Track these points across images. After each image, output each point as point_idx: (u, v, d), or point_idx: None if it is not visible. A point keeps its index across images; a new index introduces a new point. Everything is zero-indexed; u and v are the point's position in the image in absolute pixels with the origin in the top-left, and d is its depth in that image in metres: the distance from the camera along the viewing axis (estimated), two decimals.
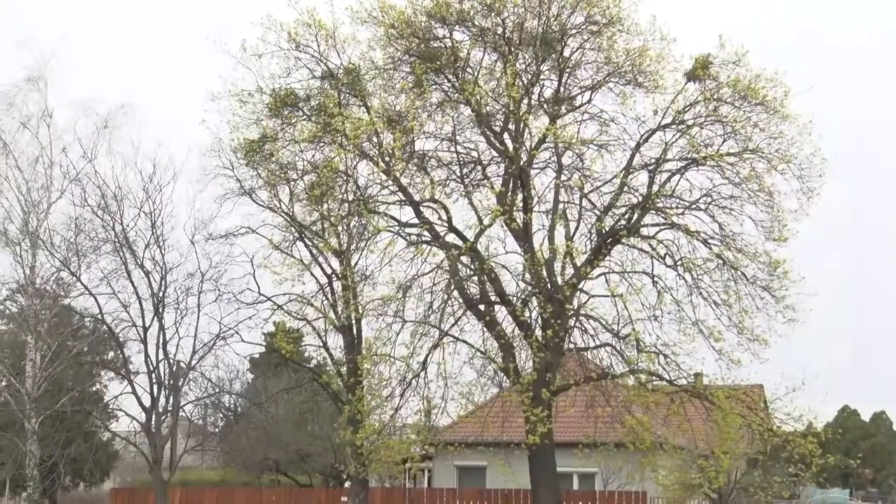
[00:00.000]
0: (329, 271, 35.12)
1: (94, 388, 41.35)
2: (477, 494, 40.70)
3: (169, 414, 38.11)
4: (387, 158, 32.88)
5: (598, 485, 40.32)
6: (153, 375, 37.00)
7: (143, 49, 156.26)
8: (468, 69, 33.88)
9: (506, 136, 34.14)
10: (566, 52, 33.75)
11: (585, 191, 33.87)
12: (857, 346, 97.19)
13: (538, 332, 32.80)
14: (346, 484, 39.29)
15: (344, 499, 38.52)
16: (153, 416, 37.23)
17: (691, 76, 32.83)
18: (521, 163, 33.62)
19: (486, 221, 33.41)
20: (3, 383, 39.28)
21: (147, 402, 37.06)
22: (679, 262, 33.12)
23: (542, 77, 34.24)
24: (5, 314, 39.46)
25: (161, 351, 37.10)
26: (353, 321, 34.83)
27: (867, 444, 61.81)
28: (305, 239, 34.77)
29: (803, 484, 38.76)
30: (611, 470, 38.15)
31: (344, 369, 35.45)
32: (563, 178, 33.97)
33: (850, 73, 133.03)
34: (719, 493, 37.37)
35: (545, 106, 34.16)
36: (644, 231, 33.82)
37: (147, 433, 37.66)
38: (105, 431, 44.03)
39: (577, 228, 34.10)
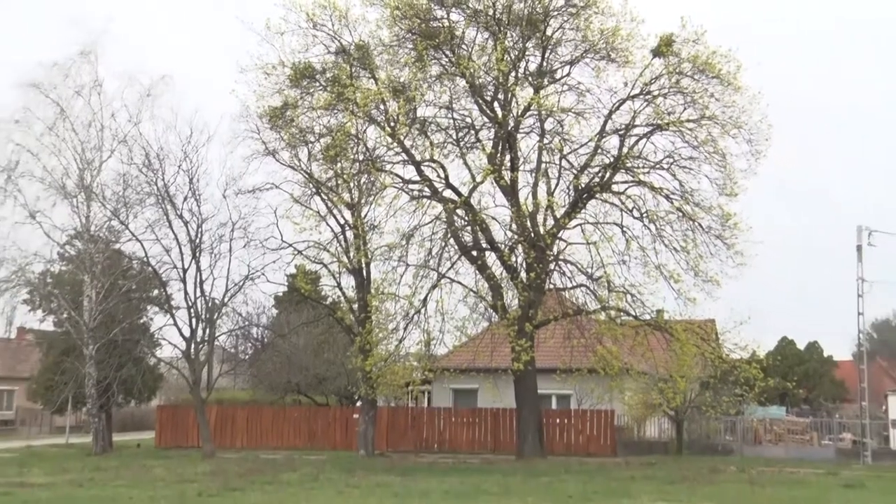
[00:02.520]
0: (342, 222, 35.14)
1: (141, 321, 41.44)
2: (470, 413, 40.99)
3: (205, 343, 38.31)
4: (392, 124, 32.95)
5: (573, 404, 40.55)
6: (192, 310, 37.25)
7: (182, 26, 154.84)
8: (463, 46, 33.88)
9: (496, 104, 34.21)
10: (548, 32, 33.77)
11: (565, 152, 34.02)
12: (796, 287, 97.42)
13: (523, 275, 33.14)
14: (358, 403, 39.52)
15: (355, 416, 38.78)
16: (192, 345, 37.59)
17: (657, 53, 32.90)
18: (509, 128, 33.82)
19: (478, 179, 33.66)
20: (65, 316, 39.40)
21: (187, 332, 37.40)
22: (645, 215, 33.39)
23: (527, 53, 34.26)
24: (65, 257, 39.39)
25: (198, 289, 37.38)
26: (363, 265, 34.92)
27: (801, 369, 61.92)
28: (321, 193, 34.75)
29: (747, 403, 39.02)
30: (584, 392, 38.37)
31: (355, 306, 35.59)
32: (546, 141, 34.08)
33: (808, 46, 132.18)
34: (676, 411, 37.72)
35: (530, 78, 34.17)
36: (615, 187, 34.07)
37: (187, 359, 38.07)
38: (151, 357, 44.20)
39: (557, 185, 34.40)
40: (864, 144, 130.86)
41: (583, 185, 33.77)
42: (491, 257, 34.31)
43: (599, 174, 33.94)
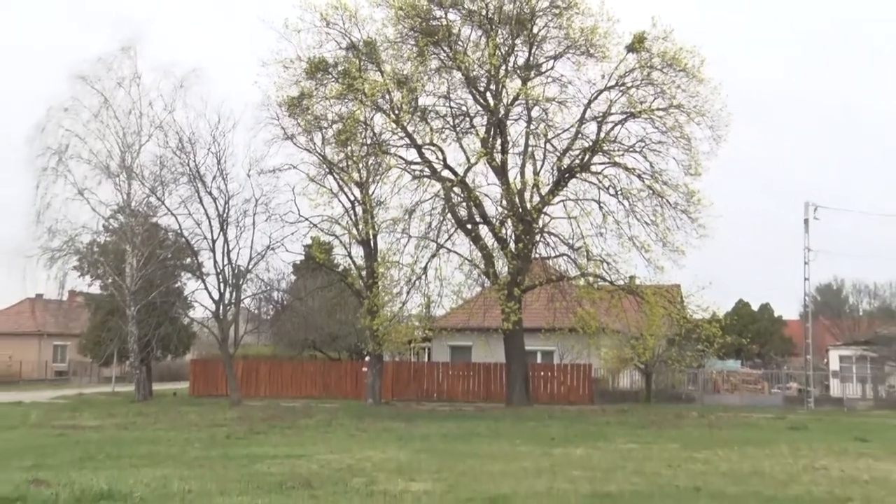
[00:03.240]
0: (352, 198, 35.03)
1: (176, 285, 41.51)
2: (465, 367, 41.10)
3: (232, 305, 38.38)
4: (396, 112, 32.73)
5: (555, 359, 40.67)
6: (220, 276, 37.30)
7: (211, 25, 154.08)
8: (459, 42, 33.64)
9: (488, 94, 34.02)
10: (535, 30, 33.53)
11: (549, 137, 33.95)
12: (751, 255, 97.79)
13: (512, 246, 33.15)
14: (366, 358, 39.50)
15: (364, 369, 38.87)
16: (220, 307, 37.59)
17: (630, 48, 32.77)
18: (500, 115, 33.67)
19: (472, 160, 33.58)
20: (109, 280, 39.48)
21: (216, 296, 37.42)
22: (619, 192, 33.40)
23: (516, 49, 34.01)
24: (109, 229, 39.41)
25: (226, 258, 37.37)
26: (371, 236, 34.90)
27: (755, 327, 62.12)
28: (334, 173, 34.64)
29: (708, 357, 39.22)
30: (565, 348, 38.44)
31: (364, 273, 35.55)
32: (532, 127, 34.03)
33: (770, 40, 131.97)
34: (646, 364, 37.87)
35: (518, 71, 33.94)
36: (593, 168, 34.04)
37: (216, 319, 38.12)
38: (185, 317, 44.33)
39: (542, 166, 34.31)
40: (814, 130, 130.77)
41: (565, 166, 33.80)
42: (484, 230, 34.27)
43: (579, 156, 33.87)
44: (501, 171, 33.60)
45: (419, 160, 34.10)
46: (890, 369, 41.19)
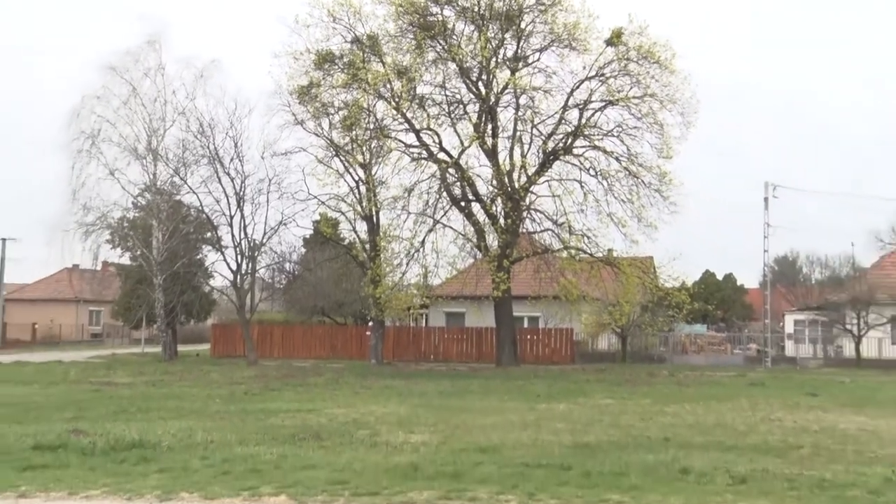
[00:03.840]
0: (356, 178, 34.98)
1: (198, 257, 41.49)
2: (459, 331, 41.16)
3: (248, 275, 38.42)
4: (397, 99, 32.60)
5: (541, 324, 40.73)
6: (237, 249, 37.30)
7: (228, 20, 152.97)
8: (453, 36, 33.39)
9: (480, 84, 33.83)
10: (522, 25, 33.30)
11: (535, 123, 33.85)
12: (716, 229, 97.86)
13: (501, 221, 33.08)
14: (369, 323, 39.55)
15: (368, 333, 38.91)
16: (238, 276, 37.69)
17: (609, 42, 32.56)
18: (491, 103, 33.54)
19: (465, 144, 33.40)
20: (138, 252, 39.42)
21: (233, 266, 37.56)
22: (599, 173, 33.34)
23: (505, 42, 33.75)
24: (137, 206, 39.41)
25: (242, 232, 37.33)
26: (373, 213, 34.83)
27: (719, 295, 62.38)
28: (340, 156, 34.54)
29: (677, 322, 39.33)
30: (549, 314, 38.44)
31: (367, 246, 35.52)
32: (520, 113, 33.84)
33: (739, 34, 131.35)
34: (622, 328, 37.98)
35: (507, 63, 33.71)
36: (575, 151, 33.92)
37: (234, 287, 38.18)
38: (206, 286, 44.46)
39: (529, 149, 34.11)
40: (775, 116, 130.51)
41: (549, 149, 33.69)
42: (476, 207, 34.23)
43: (563, 140, 33.76)
44: (492, 154, 33.52)
45: (417, 144, 33.96)
46: (838, 332, 41.41)
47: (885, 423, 15.66)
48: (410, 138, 34.13)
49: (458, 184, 33.85)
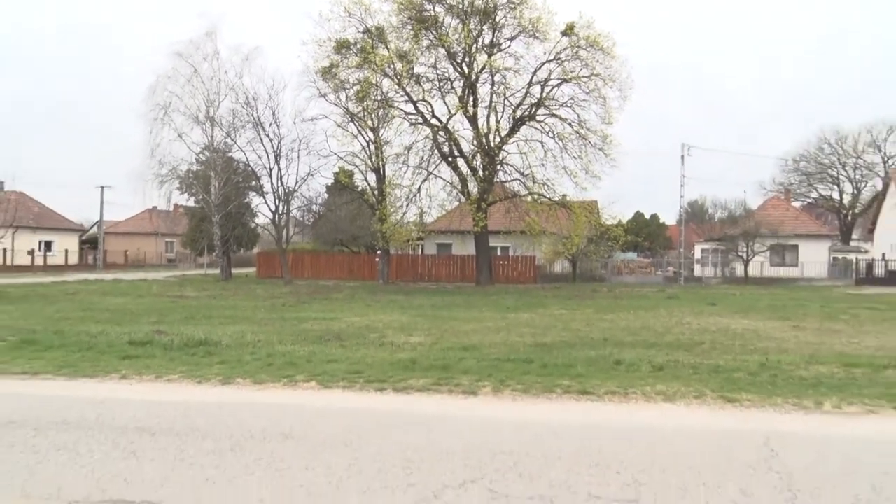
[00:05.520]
0: (367, 139, 34.57)
1: (245, 200, 41.40)
2: (447, 258, 41.19)
3: (284, 214, 38.41)
4: (398, 77, 32.06)
5: (510, 252, 40.95)
6: (275, 194, 37.22)
7: (268, 14, 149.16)
8: (443, 27, 32.64)
9: (463, 65, 33.18)
10: (497, 19, 32.53)
11: (507, 96, 33.34)
12: (645, 179, 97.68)
13: (480, 172, 32.93)
14: (378, 251, 39.55)
15: (376, 259, 39.01)
16: (276, 215, 37.57)
17: (564, 33, 31.98)
18: (472, 80, 32.99)
19: (452, 112, 32.94)
20: (200, 197, 39.28)
21: (273, 208, 37.54)
22: (556, 135, 33.00)
23: (483, 32, 33.00)
24: (199, 161, 39.13)
25: (279, 181, 37.14)
26: (381, 166, 34.53)
27: (646, 230, 62.53)
28: (354, 121, 34.05)
29: (614, 250, 39.66)
30: (517, 245, 38.67)
31: (376, 192, 35.33)
32: (495, 88, 33.30)
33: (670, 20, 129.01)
34: (573, 256, 38.19)
35: (485, 48, 33.04)
36: (538, 118, 33.46)
37: (273, 224, 38.19)
38: (252, 223, 44.55)
39: (501, 116, 33.69)
40: (688, 90, 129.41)
41: (518, 117, 33.28)
42: (460, 161, 33.96)
43: (528, 110, 33.30)
44: (473, 120, 33.12)
45: (414, 112, 33.51)
46: (732, 257, 41.93)
47: (762, 324, 15.91)
48: (409, 108, 33.66)
49: (447, 143, 33.51)
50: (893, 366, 9.51)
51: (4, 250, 45.95)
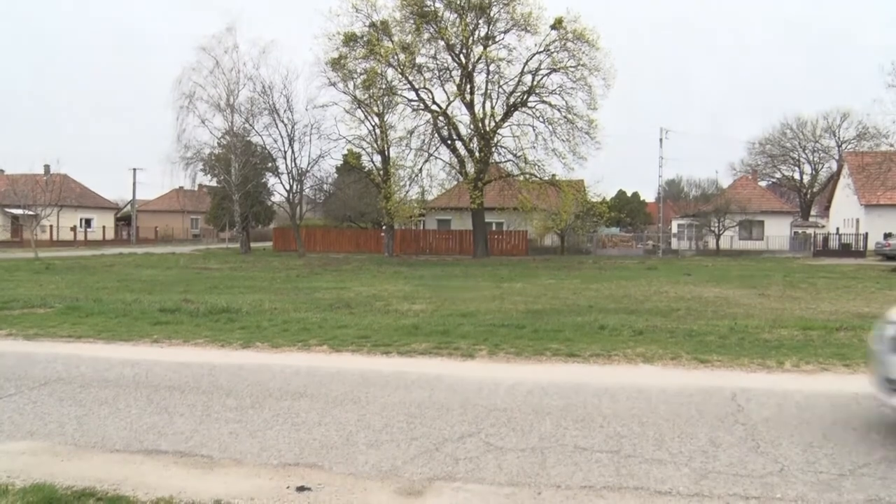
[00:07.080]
0: (373, 124, 34.31)
1: (263, 180, 41.36)
2: (447, 233, 41.13)
3: (298, 192, 38.30)
4: (401, 67, 31.74)
5: (504, 227, 40.91)
6: (290, 174, 37.05)
7: (282, 10, 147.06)
8: (442, 21, 32.23)
9: (461, 56, 32.84)
10: (491, 14, 32.15)
11: (501, 84, 33.06)
12: (627, 160, 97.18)
13: (477, 154, 32.80)
14: (383, 227, 39.49)
15: (382, 234, 38.97)
16: (290, 194, 37.34)
17: (553, 27, 31.70)
18: (469, 69, 32.69)
19: (451, 99, 32.77)
20: (222, 178, 39.17)
21: (287, 187, 37.36)
22: (546, 120, 32.85)
23: (479, 26, 32.63)
24: (221, 145, 38.87)
25: (293, 163, 36.97)
26: (386, 148, 34.36)
27: (628, 207, 62.36)
28: (361, 108, 33.76)
29: (599, 225, 39.60)
30: (511, 220, 38.62)
31: (381, 172, 35.17)
32: (490, 77, 33.03)
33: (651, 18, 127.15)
34: (561, 230, 38.15)
35: (481, 41, 32.67)
36: (530, 104, 33.27)
37: (288, 202, 38.01)
38: (269, 200, 44.57)
39: (496, 102, 33.48)
40: (666, 79, 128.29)
41: (511, 103, 33.05)
42: (459, 144, 33.84)
43: (520, 97, 33.04)
44: (470, 106, 32.87)
45: (416, 99, 33.27)
46: (705, 232, 41.98)
47: (732, 292, 15.96)
48: (411, 95, 33.42)
49: (446, 128, 33.33)
50: (845, 328, 9.59)
51: (51, 227, 46.10)
